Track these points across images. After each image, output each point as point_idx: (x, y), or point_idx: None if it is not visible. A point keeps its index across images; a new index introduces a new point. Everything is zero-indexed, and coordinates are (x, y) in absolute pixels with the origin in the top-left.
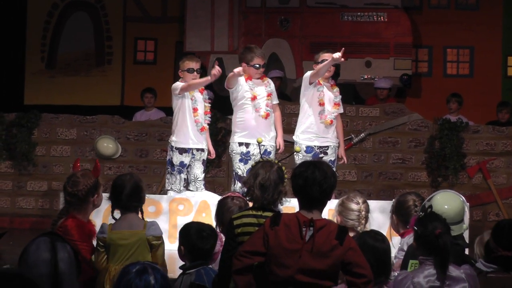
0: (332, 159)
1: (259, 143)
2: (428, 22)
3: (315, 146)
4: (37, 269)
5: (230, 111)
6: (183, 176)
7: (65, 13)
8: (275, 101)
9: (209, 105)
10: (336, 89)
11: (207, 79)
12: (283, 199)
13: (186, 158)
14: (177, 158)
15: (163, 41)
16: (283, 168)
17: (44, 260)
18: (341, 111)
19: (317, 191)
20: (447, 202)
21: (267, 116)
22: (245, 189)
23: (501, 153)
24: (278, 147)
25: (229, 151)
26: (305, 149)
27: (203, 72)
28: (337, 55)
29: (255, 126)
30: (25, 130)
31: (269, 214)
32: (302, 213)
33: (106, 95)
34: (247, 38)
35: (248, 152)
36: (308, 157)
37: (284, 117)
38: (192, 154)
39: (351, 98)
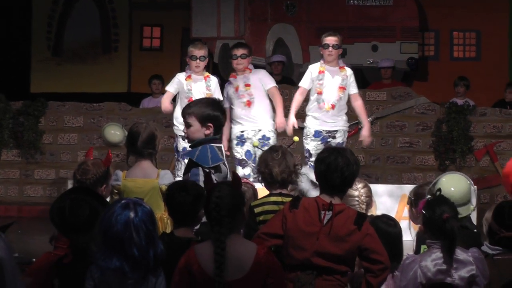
0: (340, 141)
1: (255, 146)
2: (435, 5)
3: (323, 130)
4: None
5: None
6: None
7: (71, 1)
8: (269, 85)
9: (210, 92)
10: (345, 72)
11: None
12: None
13: (188, 144)
14: (180, 145)
15: (169, 28)
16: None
17: None
18: (353, 91)
19: (338, 178)
20: (453, 184)
21: (248, 104)
22: (260, 177)
23: (508, 135)
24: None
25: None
26: (313, 133)
27: (210, 58)
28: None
29: (240, 113)
30: (32, 119)
31: (289, 199)
32: (322, 198)
33: (113, 83)
34: (253, 23)
35: (242, 135)
36: (317, 141)
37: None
38: None
39: (358, 82)
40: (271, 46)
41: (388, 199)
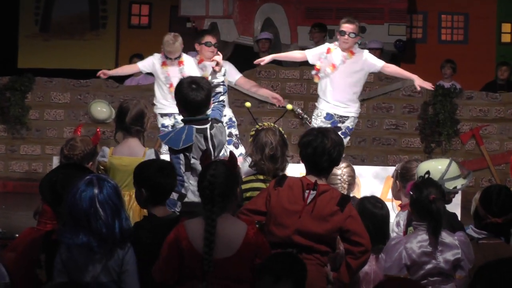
0: (350, 126)
1: (248, 108)
2: None
3: (335, 114)
4: None
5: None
6: None
7: None
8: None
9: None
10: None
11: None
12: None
13: (166, 120)
14: (159, 121)
15: (157, 5)
16: (281, 129)
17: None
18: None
19: (326, 160)
20: (433, 161)
21: None
22: (252, 163)
23: (494, 119)
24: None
25: None
26: (325, 115)
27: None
28: None
29: None
30: (19, 94)
31: None
32: (308, 178)
33: (100, 59)
34: (241, 2)
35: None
36: (328, 123)
37: (278, 82)
38: (175, 118)
39: None
40: (259, 26)
41: (374, 181)
